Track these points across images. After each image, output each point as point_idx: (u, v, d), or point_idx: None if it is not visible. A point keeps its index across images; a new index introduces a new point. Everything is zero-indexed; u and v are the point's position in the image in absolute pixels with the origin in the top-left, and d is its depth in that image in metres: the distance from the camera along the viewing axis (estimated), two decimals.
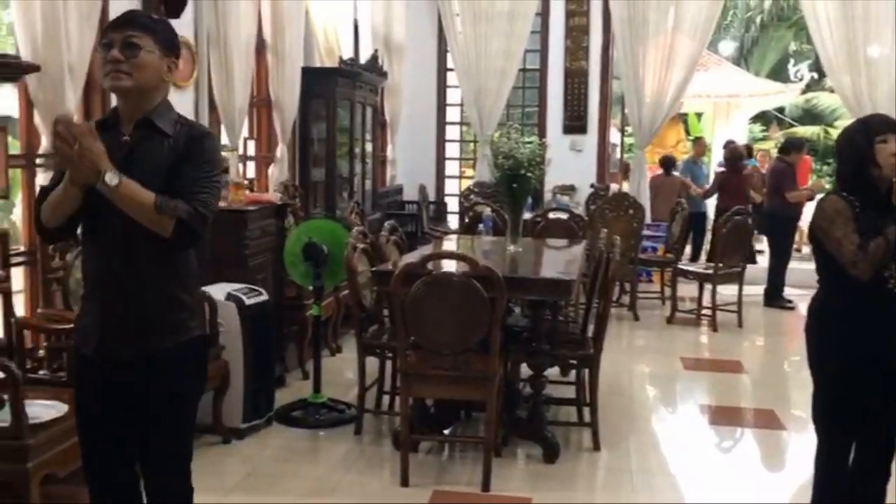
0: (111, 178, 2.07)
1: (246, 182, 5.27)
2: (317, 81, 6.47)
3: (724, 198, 8.51)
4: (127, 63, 2.17)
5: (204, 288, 3.62)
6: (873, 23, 8.15)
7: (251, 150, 6.15)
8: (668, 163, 9.67)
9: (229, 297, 4.16)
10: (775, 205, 7.91)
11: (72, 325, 3.31)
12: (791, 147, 8.29)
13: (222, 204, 4.66)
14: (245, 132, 5.82)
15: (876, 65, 8.26)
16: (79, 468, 2.80)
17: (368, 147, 7.50)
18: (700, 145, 10.73)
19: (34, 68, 1.80)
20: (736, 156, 8.84)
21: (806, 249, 11.30)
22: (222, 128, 5.36)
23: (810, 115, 18.62)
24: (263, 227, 4.92)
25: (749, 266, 7.55)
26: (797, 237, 9.22)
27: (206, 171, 2.24)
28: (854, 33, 8.18)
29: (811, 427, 3.01)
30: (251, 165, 6.18)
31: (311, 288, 4.68)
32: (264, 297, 4.38)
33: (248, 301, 4.21)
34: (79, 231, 2.32)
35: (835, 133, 17.07)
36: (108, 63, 2.17)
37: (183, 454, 2.41)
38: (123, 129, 2.23)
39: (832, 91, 15.20)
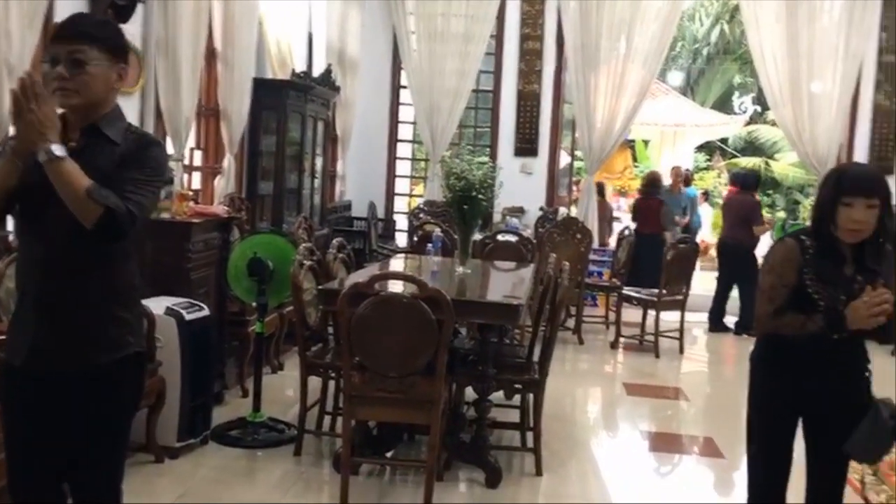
0: (58, 148, 2.01)
1: (191, 193, 5.14)
2: (268, 93, 6.39)
3: (640, 223, 8.69)
4: (73, 81, 2.09)
5: (143, 301, 3.50)
6: (817, 59, 8.43)
7: (197, 161, 6.02)
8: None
9: (169, 311, 4.04)
10: (742, 236, 8.09)
11: (2, 336, 3.18)
12: (756, 183, 8.75)
13: (165, 215, 4.56)
14: (192, 142, 5.70)
15: (818, 100, 8.53)
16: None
17: (318, 162, 7.42)
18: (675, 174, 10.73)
19: None
20: (649, 182, 9.06)
21: None
22: (168, 136, 5.24)
23: (752, 147, 19.06)
24: (207, 241, 4.80)
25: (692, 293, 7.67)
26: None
27: (146, 175, 2.17)
28: (798, 68, 8.44)
29: None
30: (196, 176, 6.04)
31: (254, 304, 4.58)
32: (206, 312, 4.26)
33: (189, 316, 4.09)
34: (11, 238, 2.22)
35: (774, 165, 17.55)
36: (55, 80, 2.09)
37: (114, 474, 2.33)
38: (71, 135, 2.14)
39: (774, 124, 15.62)
